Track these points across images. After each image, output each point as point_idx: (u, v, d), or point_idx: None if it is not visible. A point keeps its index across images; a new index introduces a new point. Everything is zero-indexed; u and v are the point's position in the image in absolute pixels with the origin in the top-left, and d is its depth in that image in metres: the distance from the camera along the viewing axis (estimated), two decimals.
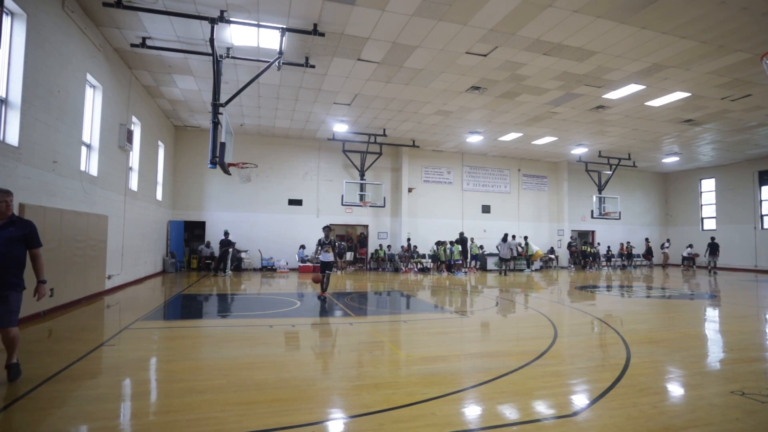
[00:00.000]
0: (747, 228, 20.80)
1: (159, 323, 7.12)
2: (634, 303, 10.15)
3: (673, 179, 25.05)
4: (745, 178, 21.07)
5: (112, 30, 9.02)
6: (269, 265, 17.50)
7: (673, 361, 5.03)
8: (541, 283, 14.68)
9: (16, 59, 6.36)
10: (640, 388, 3.98)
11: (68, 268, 7.82)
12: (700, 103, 12.59)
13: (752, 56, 9.33)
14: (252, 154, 16.73)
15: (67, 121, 7.80)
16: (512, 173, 21.79)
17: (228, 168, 8.97)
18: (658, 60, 9.71)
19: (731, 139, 16.69)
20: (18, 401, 3.48)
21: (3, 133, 6.22)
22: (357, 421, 3.23)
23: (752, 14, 7.71)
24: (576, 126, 15.36)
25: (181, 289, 11.25)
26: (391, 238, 19.81)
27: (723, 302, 10.37)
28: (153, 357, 5.12)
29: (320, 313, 8.18)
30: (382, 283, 13.90)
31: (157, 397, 3.76)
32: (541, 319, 7.68)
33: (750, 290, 13.01)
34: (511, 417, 3.35)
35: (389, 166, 19.71)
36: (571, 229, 22.55)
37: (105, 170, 9.76)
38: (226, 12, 8.04)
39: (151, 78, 11.71)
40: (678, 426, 3.18)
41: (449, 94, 12.42)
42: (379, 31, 8.68)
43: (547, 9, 7.73)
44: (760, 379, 4.37)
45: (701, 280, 16.18)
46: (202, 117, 15.27)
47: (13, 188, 6.16)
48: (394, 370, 4.63)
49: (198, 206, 17.36)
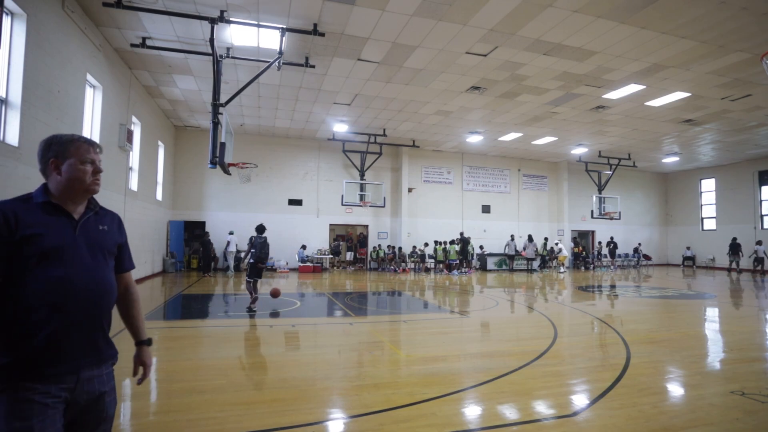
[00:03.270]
0: (747, 228, 20.79)
1: (159, 323, 7.12)
2: (640, 303, 10.16)
3: (673, 179, 25.05)
4: (745, 178, 21.06)
5: (112, 30, 9.02)
6: (269, 265, 17.49)
7: (673, 361, 5.03)
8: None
9: (16, 59, 6.36)
10: (640, 388, 3.98)
11: None
12: (700, 103, 12.59)
13: (752, 56, 9.32)
14: (252, 154, 16.72)
15: (67, 121, 7.80)
16: (512, 173, 21.79)
17: (228, 168, 8.97)
18: (658, 60, 9.71)
19: (731, 139, 16.69)
20: None
21: (3, 133, 6.22)
22: (357, 421, 3.23)
23: (752, 14, 7.71)
24: (576, 126, 15.36)
25: (181, 289, 11.25)
26: (391, 238, 19.81)
27: (723, 302, 10.36)
28: (153, 357, 5.12)
29: (320, 313, 8.18)
30: (382, 283, 13.90)
31: (157, 397, 3.76)
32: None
33: (750, 290, 13.01)
34: (511, 417, 3.35)
35: (389, 166, 19.71)
36: (571, 229, 22.55)
37: (105, 170, 9.69)
38: (226, 12, 8.03)
39: (151, 78, 11.71)
40: (678, 426, 3.18)
41: (449, 94, 12.42)
42: (379, 31, 8.67)
43: (547, 9, 7.73)
44: (760, 379, 4.37)
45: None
46: (202, 117, 15.27)
47: (13, 188, 6.17)
48: (394, 370, 4.63)
49: (198, 206, 17.36)
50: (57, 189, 1.63)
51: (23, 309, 1.49)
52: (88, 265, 1.62)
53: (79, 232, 1.64)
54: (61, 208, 1.62)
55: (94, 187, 1.69)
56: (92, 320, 1.62)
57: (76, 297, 1.56)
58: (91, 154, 1.70)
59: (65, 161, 1.63)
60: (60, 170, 1.63)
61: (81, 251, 1.62)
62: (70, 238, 1.60)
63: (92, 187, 1.69)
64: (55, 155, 1.63)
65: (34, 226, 1.53)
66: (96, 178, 1.70)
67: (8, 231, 1.49)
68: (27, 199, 1.60)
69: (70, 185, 1.63)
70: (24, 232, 1.51)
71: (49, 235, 1.55)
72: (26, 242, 1.50)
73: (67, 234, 1.60)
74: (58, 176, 1.63)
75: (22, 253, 1.50)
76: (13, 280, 1.49)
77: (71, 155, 1.64)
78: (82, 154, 1.66)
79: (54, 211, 1.61)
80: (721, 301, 10.55)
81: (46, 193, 1.63)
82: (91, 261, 1.64)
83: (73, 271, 1.57)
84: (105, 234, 1.75)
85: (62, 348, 1.54)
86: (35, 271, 1.51)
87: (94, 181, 1.69)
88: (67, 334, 1.55)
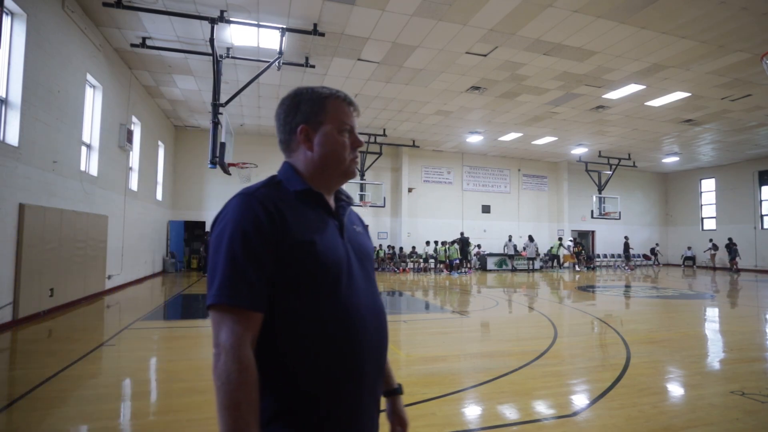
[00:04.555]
0: (747, 228, 20.80)
1: (159, 323, 7.12)
2: (643, 302, 10.16)
3: (673, 179, 25.05)
4: (745, 178, 21.06)
5: (112, 30, 9.02)
6: None
7: (673, 361, 5.03)
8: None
9: (16, 59, 6.36)
10: (640, 388, 3.98)
11: (68, 268, 7.81)
12: (700, 103, 12.59)
13: (752, 56, 9.32)
14: (252, 154, 16.66)
15: (67, 121, 7.80)
16: (512, 173, 21.79)
17: (228, 168, 8.98)
18: (658, 60, 9.71)
19: (731, 139, 16.69)
20: (18, 401, 3.47)
21: (3, 133, 6.22)
22: None
23: (752, 14, 7.70)
24: (576, 126, 15.36)
25: (181, 289, 11.25)
26: (391, 238, 19.81)
27: (722, 302, 10.36)
28: (153, 357, 5.12)
29: None
30: (382, 283, 13.89)
31: (157, 397, 3.76)
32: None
33: (750, 290, 13.01)
34: (511, 417, 3.35)
35: (389, 166, 19.71)
36: (571, 229, 22.56)
37: (105, 170, 9.76)
38: (226, 12, 8.03)
39: (151, 78, 11.71)
40: (678, 426, 3.18)
41: (449, 94, 12.42)
42: (379, 31, 8.67)
43: (547, 9, 7.73)
44: (760, 379, 4.37)
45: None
46: (202, 117, 15.27)
47: (13, 188, 6.18)
48: (394, 369, 4.62)
49: (198, 206, 17.36)
50: (308, 171, 1.11)
51: (296, 364, 0.97)
52: (366, 290, 1.09)
53: (345, 236, 1.12)
54: (323, 200, 1.11)
55: (353, 167, 1.15)
56: (379, 374, 1.11)
57: (366, 342, 1.03)
58: (351, 118, 1.14)
59: (319, 128, 1.11)
60: (311, 143, 1.11)
61: (355, 268, 1.09)
62: (342, 247, 1.08)
63: (351, 167, 1.15)
64: (306, 119, 1.11)
65: (304, 228, 1.01)
66: (355, 155, 1.16)
67: (273, 236, 0.96)
68: (277, 185, 1.09)
69: (325, 165, 1.11)
70: (295, 238, 0.99)
71: (323, 242, 1.02)
72: (298, 255, 0.98)
73: (339, 241, 1.08)
74: (308, 152, 1.11)
75: (289, 271, 0.97)
76: (278, 318, 0.97)
77: (328, 120, 1.11)
78: (340, 117, 1.12)
79: (316, 204, 1.09)
80: (720, 301, 10.55)
81: (302, 177, 1.11)
82: (365, 283, 1.10)
83: (359, 302, 1.05)
84: (362, 238, 1.20)
85: (354, 421, 1.02)
86: (312, 300, 0.98)
87: (353, 159, 1.15)
88: (358, 400, 1.03)
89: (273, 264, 0.95)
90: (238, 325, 0.92)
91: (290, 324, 0.97)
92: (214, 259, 0.95)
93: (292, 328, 0.97)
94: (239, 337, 0.91)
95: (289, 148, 1.14)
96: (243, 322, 0.92)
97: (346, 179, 1.15)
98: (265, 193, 1.02)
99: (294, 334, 0.97)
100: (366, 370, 1.03)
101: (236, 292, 0.92)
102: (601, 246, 23.50)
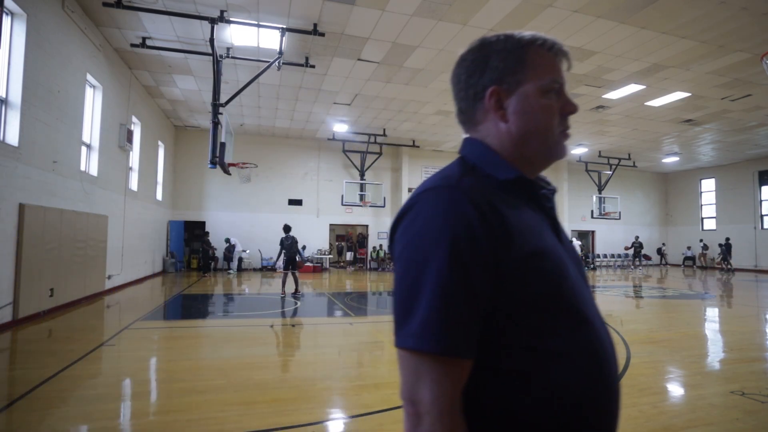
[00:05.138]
0: (747, 228, 20.79)
1: (159, 323, 7.12)
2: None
3: (673, 179, 25.04)
4: (745, 178, 21.05)
5: (112, 30, 9.02)
6: (269, 265, 17.51)
7: (673, 361, 5.03)
8: None
9: (16, 59, 6.36)
10: (640, 388, 3.98)
11: (68, 268, 7.81)
12: (700, 103, 12.59)
13: (752, 56, 9.32)
14: (252, 154, 16.71)
15: (67, 121, 7.80)
16: None
17: (228, 168, 8.98)
18: (658, 60, 9.70)
19: (731, 139, 16.69)
20: (18, 401, 3.47)
21: (3, 133, 6.22)
22: (357, 421, 3.23)
23: (752, 14, 7.70)
24: (576, 126, 15.34)
25: (181, 290, 11.25)
26: None
27: (722, 302, 10.36)
28: (153, 357, 5.12)
29: (320, 313, 8.18)
30: (382, 283, 13.89)
31: (157, 397, 3.76)
32: None
33: (750, 290, 13.01)
34: None
35: (389, 166, 19.71)
36: (571, 229, 22.55)
37: (105, 170, 9.76)
38: (226, 12, 8.03)
39: (151, 78, 11.71)
40: (678, 426, 3.18)
41: (449, 94, 12.33)
42: (379, 31, 8.67)
43: (547, 9, 7.73)
44: (760, 379, 4.37)
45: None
46: (202, 117, 15.26)
47: (13, 188, 6.18)
48: (394, 370, 4.63)
49: (198, 206, 17.36)
50: (504, 150, 0.82)
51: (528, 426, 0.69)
52: (595, 308, 0.80)
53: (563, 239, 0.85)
54: (536, 192, 0.84)
55: (563, 143, 0.84)
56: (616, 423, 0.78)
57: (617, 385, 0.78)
58: (561, 72, 0.83)
59: (517, 89, 0.81)
60: (505, 111, 0.81)
61: (579, 281, 0.80)
62: (565, 256, 0.79)
63: (561, 143, 0.84)
64: (499, 78, 0.82)
65: (528, 234, 0.73)
66: (567, 125, 0.84)
67: (494, 250, 0.69)
68: (485, 174, 0.80)
69: (526, 141, 0.81)
70: (523, 250, 0.71)
71: (551, 253, 0.76)
72: (526, 273, 0.71)
73: (560, 248, 0.80)
74: (501, 123, 0.82)
75: (517, 294, 0.70)
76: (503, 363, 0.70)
77: (529, 77, 0.80)
78: (546, 72, 0.81)
79: (528, 197, 0.82)
80: (720, 301, 10.55)
81: (506, 160, 0.81)
82: (591, 298, 0.81)
83: (600, 328, 0.78)
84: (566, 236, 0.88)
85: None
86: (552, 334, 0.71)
87: (563, 132, 0.83)
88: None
89: (493, 289, 0.69)
90: (447, 379, 0.66)
91: (522, 372, 0.70)
92: (409, 282, 0.69)
93: (526, 376, 0.70)
94: (450, 398, 0.66)
95: (473, 119, 0.86)
96: (454, 374, 0.67)
97: (553, 160, 0.83)
98: (472, 185, 0.73)
99: (528, 383, 0.70)
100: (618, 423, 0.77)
101: (449, 336, 0.65)
102: (601, 246, 23.50)
